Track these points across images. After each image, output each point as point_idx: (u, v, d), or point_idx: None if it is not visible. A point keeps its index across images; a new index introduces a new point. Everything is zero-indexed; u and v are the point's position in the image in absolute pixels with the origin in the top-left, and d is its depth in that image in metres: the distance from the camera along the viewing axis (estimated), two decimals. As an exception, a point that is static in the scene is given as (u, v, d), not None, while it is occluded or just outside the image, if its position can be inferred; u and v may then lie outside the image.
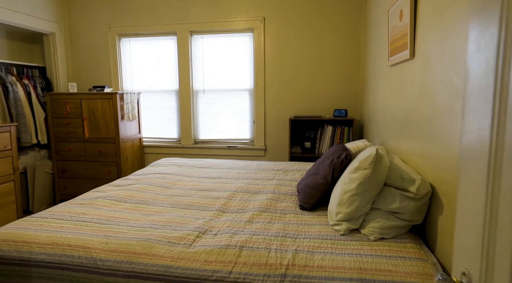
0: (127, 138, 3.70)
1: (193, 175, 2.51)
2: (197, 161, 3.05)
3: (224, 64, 3.77)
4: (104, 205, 1.81)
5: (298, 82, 3.62)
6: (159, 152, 4.04)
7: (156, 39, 3.87)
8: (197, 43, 3.79)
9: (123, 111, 3.61)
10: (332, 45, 3.49)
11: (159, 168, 2.72)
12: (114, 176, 3.64)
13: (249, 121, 3.85)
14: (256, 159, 3.83)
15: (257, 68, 3.66)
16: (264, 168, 2.75)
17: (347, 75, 3.52)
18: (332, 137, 3.32)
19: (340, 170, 1.74)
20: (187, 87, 3.84)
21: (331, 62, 3.52)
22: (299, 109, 3.67)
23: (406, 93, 1.79)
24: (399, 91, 1.93)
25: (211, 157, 3.93)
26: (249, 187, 2.20)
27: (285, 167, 2.77)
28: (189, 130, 3.92)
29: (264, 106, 3.73)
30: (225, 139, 3.93)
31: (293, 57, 3.59)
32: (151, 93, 3.99)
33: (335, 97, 3.58)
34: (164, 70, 3.92)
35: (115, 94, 3.47)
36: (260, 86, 3.69)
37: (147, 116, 4.06)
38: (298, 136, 3.70)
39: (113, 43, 3.92)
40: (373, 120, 2.83)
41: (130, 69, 4.00)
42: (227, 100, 3.84)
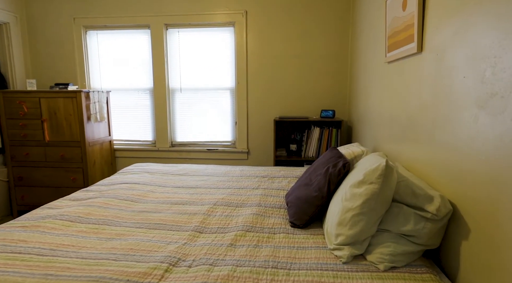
0: (95, 142, 3.33)
1: (167, 184, 2.21)
2: (172, 166, 2.74)
3: (203, 61, 3.47)
4: (53, 228, 1.48)
5: (283, 81, 3.38)
6: (132, 156, 3.68)
7: (127, 33, 3.52)
8: (173, 37, 3.47)
9: (90, 111, 3.23)
10: (318, 41, 3.27)
11: (128, 176, 2.40)
12: (80, 184, 3.26)
13: (231, 122, 3.57)
14: (238, 163, 3.56)
15: (239, 66, 3.39)
16: (247, 174, 2.49)
17: (334, 73, 3.31)
18: (319, 139, 3.10)
19: (337, 182, 1.50)
20: (163, 85, 3.51)
21: (317, 59, 3.30)
22: (284, 109, 3.43)
23: (410, 92, 1.57)
24: (401, 90, 1.71)
25: (190, 161, 3.62)
26: (231, 198, 1.92)
27: (271, 173, 2.51)
28: (165, 132, 3.59)
29: (247, 107, 3.46)
30: (204, 142, 3.63)
31: (277, 54, 3.34)
32: (123, 92, 3.63)
33: (322, 97, 3.36)
34: (137, 67, 3.57)
35: (80, 93, 3.10)
36: (242, 85, 3.42)
37: (118, 117, 3.69)
38: (283, 138, 3.45)
39: (78, 36, 3.53)
40: (364, 122, 2.62)
41: (99, 66, 3.62)
42: (207, 100, 3.54)
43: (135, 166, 2.76)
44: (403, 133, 1.68)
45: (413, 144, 1.55)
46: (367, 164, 1.36)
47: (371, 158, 1.45)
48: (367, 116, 2.51)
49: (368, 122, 2.49)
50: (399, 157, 1.74)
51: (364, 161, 1.47)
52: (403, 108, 1.68)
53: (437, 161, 1.29)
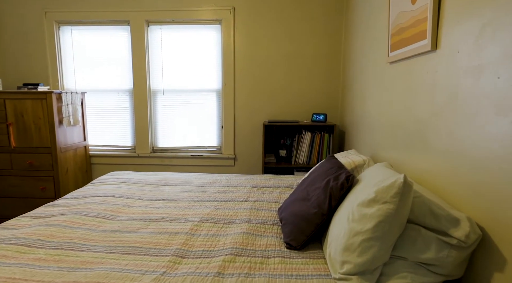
0: (68, 147, 3.05)
1: (145, 197, 1.98)
2: (153, 175, 2.50)
3: (188, 61, 3.25)
4: (5, 255, 1.24)
5: (272, 83, 3.20)
6: (110, 163, 3.41)
7: (105, 29, 3.26)
8: (154, 35, 3.23)
9: (62, 114, 2.95)
10: (309, 41, 3.11)
11: (102, 187, 2.15)
12: (50, 194, 2.97)
13: (217, 126, 3.36)
14: (225, 169, 3.35)
15: (226, 66, 3.19)
16: (235, 183, 2.28)
17: (326, 75, 3.16)
18: (311, 145, 2.93)
19: (339, 197, 1.32)
20: (143, 86, 3.26)
21: (308, 60, 3.14)
22: (273, 113, 3.24)
23: (419, 95, 1.42)
24: (406, 93, 1.56)
25: (172, 168, 3.38)
26: (217, 213, 1.72)
27: (260, 182, 2.32)
28: (145, 136, 3.34)
29: (234, 110, 3.26)
30: (188, 147, 3.40)
31: (266, 54, 3.16)
32: (100, 93, 3.36)
33: (313, 100, 3.20)
34: (115, 66, 3.31)
35: (50, 94, 2.82)
36: (229, 87, 3.22)
37: (94, 120, 3.42)
38: (272, 143, 3.27)
39: (50, 32, 3.24)
40: (359, 127, 2.47)
41: (73, 65, 3.34)
42: (191, 102, 3.32)
43: (111, 174, 2.51)
44: (408, 141, 1.52)
45: (422, 152, 1.39)
46: (375, 177, 1.18)
47: (379, 170, 1.28)
48: (363, 121, 2.36)
49: (364, 128, 2.33)
50: (403, 167, 1.59)
51: (370, 173, 1.30)
52: (409, 113, 1.52)
53: (457, 173, 1.13)
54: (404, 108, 1.58)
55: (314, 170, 1.65)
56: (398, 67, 1.66)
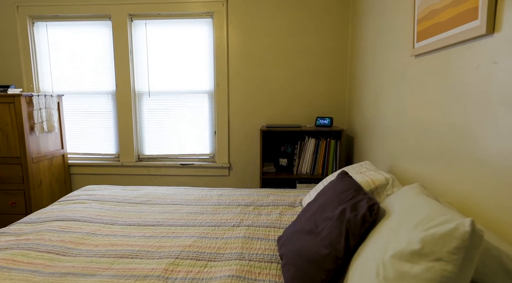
0: (42, 157, 2.71)
1: (117, 221, 1.63)
2: (133, 190, 2.16)
3: (176, 59, 2.92)
4: None
5: (271, 83, 2.86)
6: (92, 172, 3.07)
7: (83, 25, 2.92)
8: (139, 31, 2.90)
9: (33, 120, 2.62)
10: (312, 36, 2.78)
11: (68, 208, 1.80)
12: (21, 209, 2.62)
13: (209, 132, 3.02)
14: (219, 179, 3.01)
15: (219, 65, 2.85)
16: (227, 201, 1.94)
17: (331, 74, 2.82)
18: (315, 153, 2.59)
19: (360, 234, 0.98)
20: (127, 88, 2.93)
21: (310, 58, 2.80)
22: (272, 117, 2.91)
23: (464, 97, 1.08)
24: (443, 93, 1.22)
25: (160, 178, 3.04)
26: (202, 245, 1.38)
27: (257, 199, 1.98)
28: (130, 144, 3.00)
29: (228, 113, 2.92)
30: (178, 155, 3.06)
31: (264, 51, 2.82)
32: (79, 96, 3.02)
33: (316, 102, 2.86)
34: (96, 66, 2.97)
35: (19, 97, 2.48)
36: (223, 88, 2.88)
37: (73, 126, 3.08)
38: (271, 150, 2.93)
39: (23, 28, 2.91)
40: (372, 133, 2.13)
41: (49, 64, 3.00)
42: (180, 105, 2.98)
43: (84, 189, 2.17)
44: (445, 153, 1.18)
45: (468, 169, 1.05)
46: (414, 211, 0.84)
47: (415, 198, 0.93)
48: (377, 126, 2.02)
49: (378, 134, 1.99)
50: (438, 187, 1.25)
51: (403, 202, 0.96)
52: (446, 118, 1.18)
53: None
54: (439, 113, 1.24)
55: (323, 192, 1.30)
56: (429, 60, 1.32)
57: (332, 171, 2.60)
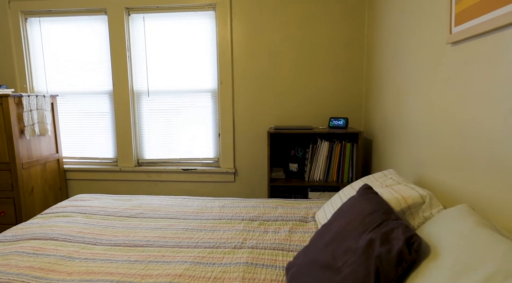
0: (33, 162, 2.52)
1: (101, 240, 1.41)
2: (126, 200, 1.95)
3: (176, 56, 2.70)
4: None
5: (279, 81, 2.61)
6: (89, 178, 2.88)
7: (78, 20, 2.73)
8: (137, 25, 2.69)
9: (23, 122, 2.43)
10: (324, 28, 2.52)
11: (50, 222, 1.60)
12: (10, 219, 2.45)
13: (213, 134, 2.79)
14: (223, 186, 2.78)
15: (222, 61, 2.62)
16: (229, 214, 1.71)
17: (345, 69, 2.55)
18: (329, 157, 2.33)
19: (396, 278, 0.72)
20: (125, 87, 2.73)
21: (322, 52, 2.54)
22: (281, 117, 2.66)
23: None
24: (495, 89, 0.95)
25: (161, 184, 2.83)
26: (195, 274, 1.14)
27: (263, 212, 1.73)
28: (129, 147, 2.80)
29: (233, 114, 2.69)
30: (179, 160, 2.84)
31: (271, 46, 2.58)
32: (74, 96, 2.84)
33: (329, 101, 2.60)
34: (92, 64, 2.78)
35: (6, 98, 2.30)
36: (227, 86, 2.65)
37: (68, 128, 2.89)
38: (280, 154, 2.68)
39: (15, 25, 2.74)
40: (394, 135, 1.86)
41: (43, 63, 2.82)
42: (182, 105, 2.76)
43: (74, 199, 1.97)
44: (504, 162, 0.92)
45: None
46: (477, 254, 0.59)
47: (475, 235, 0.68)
48: (401, 127, 1.75)
49: (402, 136, 1.72)
50: (492, 208, 0.98)
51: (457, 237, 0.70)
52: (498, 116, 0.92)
53: None
54: (489, 112, 0.97)
55: (341, 212, 1.05)
56: (472, 47, 1.06)
57: (348, 177, 2.34)
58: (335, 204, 1.41)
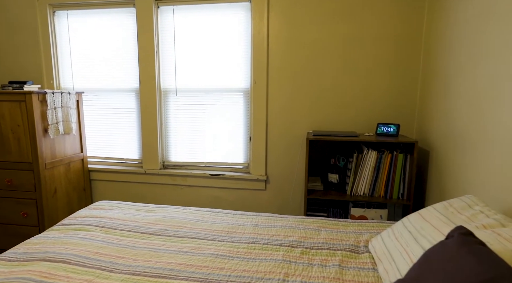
0: (57, 162, 2.41)
1: (119, 265, 1.22)
2: (149, 212, 1.76)
3: (207, 52, 2.49)
4: None
5: (319, 80, 2.33)
6: (112, 179, 2.75)
7: (106, 13, 2.58)
8: (166, 18, 2.50)
9: (47, 121, 2.32)
10: (373, 20, 2.20)
11: (66, 237, 1.43)
12: (33, 221, 2.35)
13: (243, 137, 2.56)
14: (253, 194, 2.55)
15: (257, 59, 2.38)
16: (265, 237, 1.47)
17: (397, 68, 2.23)
18: (376, 169, 2.03)
19: None
20: (152, 85, 2.55)
21: (370, 47, 2.23)
22: (320, 121, 2.38)
23: None
24: None
25: (187, 189, 2.64)
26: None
27: (304, 235, 1.48)
28: (154, 149, 2.63)
29: (266, 116, 2.44)
30: (207, 164, 2.64)
31: (311, 42, 2.30)
32: (100, 93, 2.70)
33: (377, 104, 2.29)
34: (118, 60, 2.63)
35: (31, 95, 2.18)
36: (261, 86, 2.41)
37: (94, 127, 2.77)
38: (317, 162, 2.41)
39: (43, 18, 2.63)
40: (468, 149, 1.54)
41: (70, 58, 2.71)
42: (211, 105, 2.55)
43: (94, 207, 1.80)
44: None
45: None
46: None
47: None
48: (481, 139, 1.43)
49: (484, 150, 1.40)
50: None
51: None
52: None
53: None
54: None
55: (431, 264, 0.77)
56: None
57: (398, 193, 2.03)
58: (401, 237, 1.13)
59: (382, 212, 2.03)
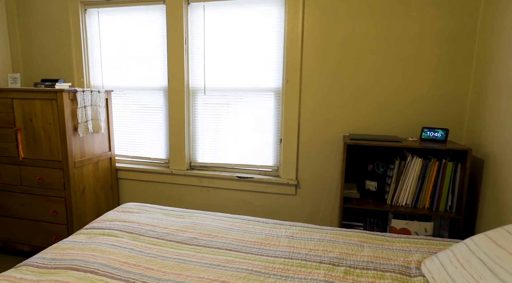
0: (86, 161, 2.40)
1: (148, 278, 1.14)
2: (178, 218, 1.69)
3: (237, 50, 2.38)
4: None
5: (356, 80, 2.17)
6: (139, 179, 2.72)
7: (136, 10, 2.54)
8: (196, 15, 2.42)
9: (77, 119, 2.30)
10: (419, 17, 2.01)
11: (94, 242, 1.38)
12: (61, 219, 2.35)
13: (273, 139, 2.44)
14: (282, 199, 2.43)
15: (290, 57, 2.25)
16: (302, 252, 1.35)
17: (444, 67, 2.03)
18: (421, 178, 1.85)
19: None
20: (180, 84, 2.49)
21: (415, 43, 2.05)
22: (356, 124, 2.22)
23: None
24: None
25: (214, 191, 2.56)
26: None
27: (346, 251, 1.35)
28: (181, 149, 2.57)
29: (299, 117, 2.31)
30: (234, 165, 2.55)
31: (349, 38, 2.14)
32: (128, 91, 2.67)
33: (421, 106, 2.10)
34: (147, 58, 2.58)
35: (61, 93, 2.17)
36: (293, 85, 2.28)
37: (120, 125, 2.75)
38: (352, 167, 2.25)
39: (75, 16, 2.63)
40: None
41: (100, 56, 2.69)
42: (241, 105, 2.45)
43: (122, 210, 1.75)
44: None
45: None
46: None
47: None
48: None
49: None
50: None
51: None
52: None
53: None
54: None
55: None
56: None
57: (446, 205, 1.84)
58: (469, 266, 0.97)
59: (427, 225, 1.86)
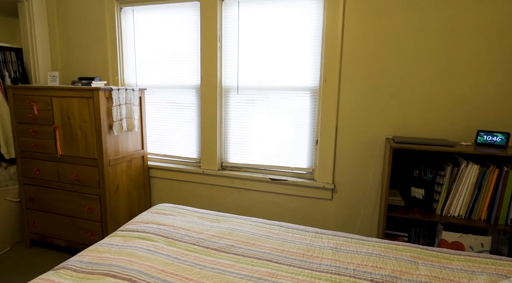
0: (119, 159, 2.40)
1: (187, 289, 1.08)
2: (212, 222, 1.63)
3: (272, 47, 2.29)
4: None
5: (401, 78, 2.01)
6: (171, 178, 2.70)
7: (170, 7, 2.51)
8: (230, 13, 2.35)
9: (112, 117, 2.30)
10: (475, 8, 1.82)
11: (130, 246, 1.34)
12: (96, 216, 2.37)
13: (309, 140, 2.33)
14: (318, 203, 2.31)
15: (328, 54, 2.12)
16: (349, 267, 1.24)
17: (504, 64, 1.82)
18: (478, 187, 1.68)
19: None
20: (213, 82, 2.43)
21: (469, 38, 1.85)
22: (400, 126, 2.06)
23: None
24: None
25: (245, 193, 2.49)
26: None
27: (398, 269, 1.22)
28: (213, 149, 2.52)
29: (337, 117, 2.18)
30: (267, 167, 2.46)
31: (393, 35, 1.98)
32: (160, 90, 2.65)
33: (477, 107, 1.91)
34: (180, 55, 2.54)
35: (97, 91, 2.17)
36: (332, 84, 2.15)
37: (152, 123, 2.74)
38: (396, 172, 2.10)
39: (110, 15, 2.64)
40: None
41: (134, 54, 2.69)
42: (274, 104, 2.36)
43: (156, 211, 1.72)
44: None
45: None
46: None
47: None
48: None
49: None
50: None
51: None
52: None
53: None
54: None
55: None
56: None
57: (507, 218, 1.66)
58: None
59: (484, 240, 1.68)
